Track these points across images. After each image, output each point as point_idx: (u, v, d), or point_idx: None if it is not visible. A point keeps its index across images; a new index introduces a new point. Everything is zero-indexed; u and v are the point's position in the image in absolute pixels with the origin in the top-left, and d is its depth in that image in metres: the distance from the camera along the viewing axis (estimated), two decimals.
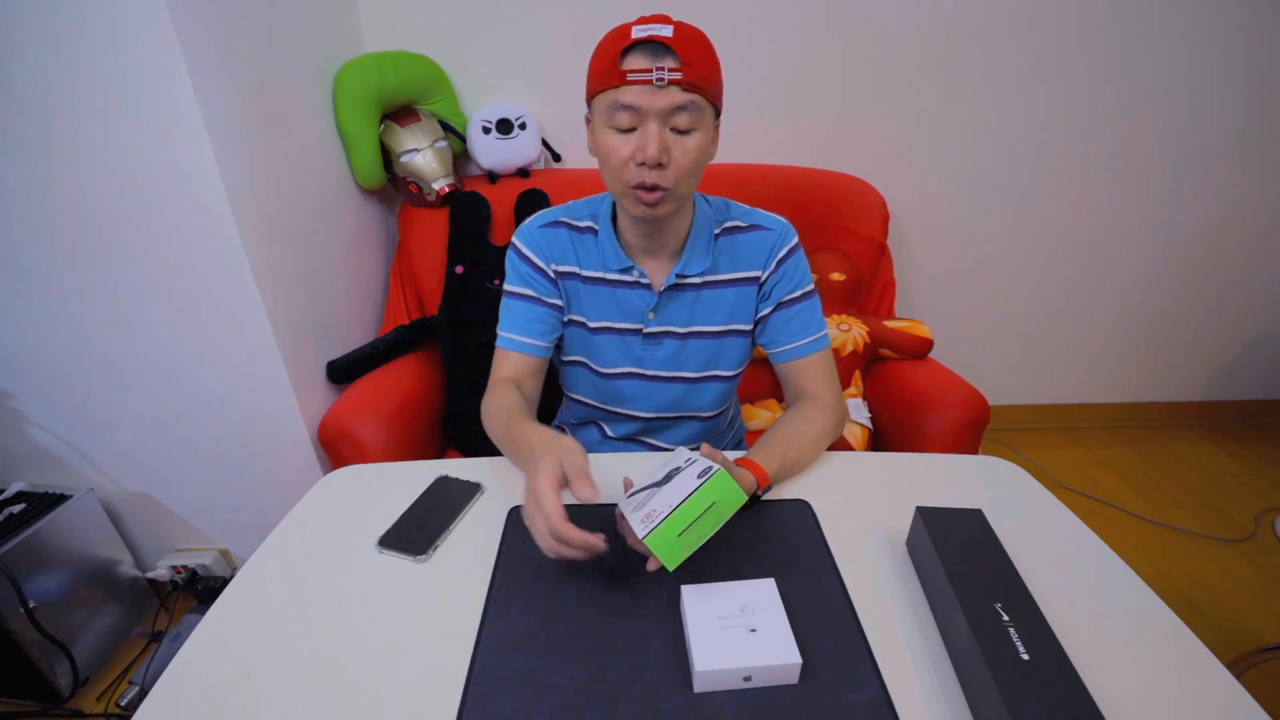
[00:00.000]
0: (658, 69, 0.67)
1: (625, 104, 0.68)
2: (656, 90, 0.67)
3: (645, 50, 0.67)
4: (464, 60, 1.52)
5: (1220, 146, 1.71)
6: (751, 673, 0.51)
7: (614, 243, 0.83)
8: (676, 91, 0.68)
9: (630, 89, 0.68)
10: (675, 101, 0.68)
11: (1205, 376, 2.11)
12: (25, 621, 1.13)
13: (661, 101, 0.68)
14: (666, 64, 0.67)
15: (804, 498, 0.74)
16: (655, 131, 0.68)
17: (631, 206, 0.75)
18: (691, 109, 0.69)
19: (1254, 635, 1.38)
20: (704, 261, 0.83)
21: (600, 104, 0.71)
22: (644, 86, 0.67)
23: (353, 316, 1.43)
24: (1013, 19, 1.54)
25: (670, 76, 0.67)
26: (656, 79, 0.67)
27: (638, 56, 0.67)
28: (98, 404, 1.21)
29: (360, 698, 0.52)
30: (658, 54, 0.67)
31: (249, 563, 0.67)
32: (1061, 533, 0.70)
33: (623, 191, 0.74)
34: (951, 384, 1.24)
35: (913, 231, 1.78)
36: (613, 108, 0.69)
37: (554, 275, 0.85)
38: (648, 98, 0.68)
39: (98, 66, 0.93)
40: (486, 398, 0.84)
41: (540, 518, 0.57)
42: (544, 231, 0.85)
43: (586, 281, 0.85)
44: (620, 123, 0.70)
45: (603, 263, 0.84)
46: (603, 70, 0.70)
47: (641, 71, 0.67)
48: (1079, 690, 0.45)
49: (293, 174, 1.20)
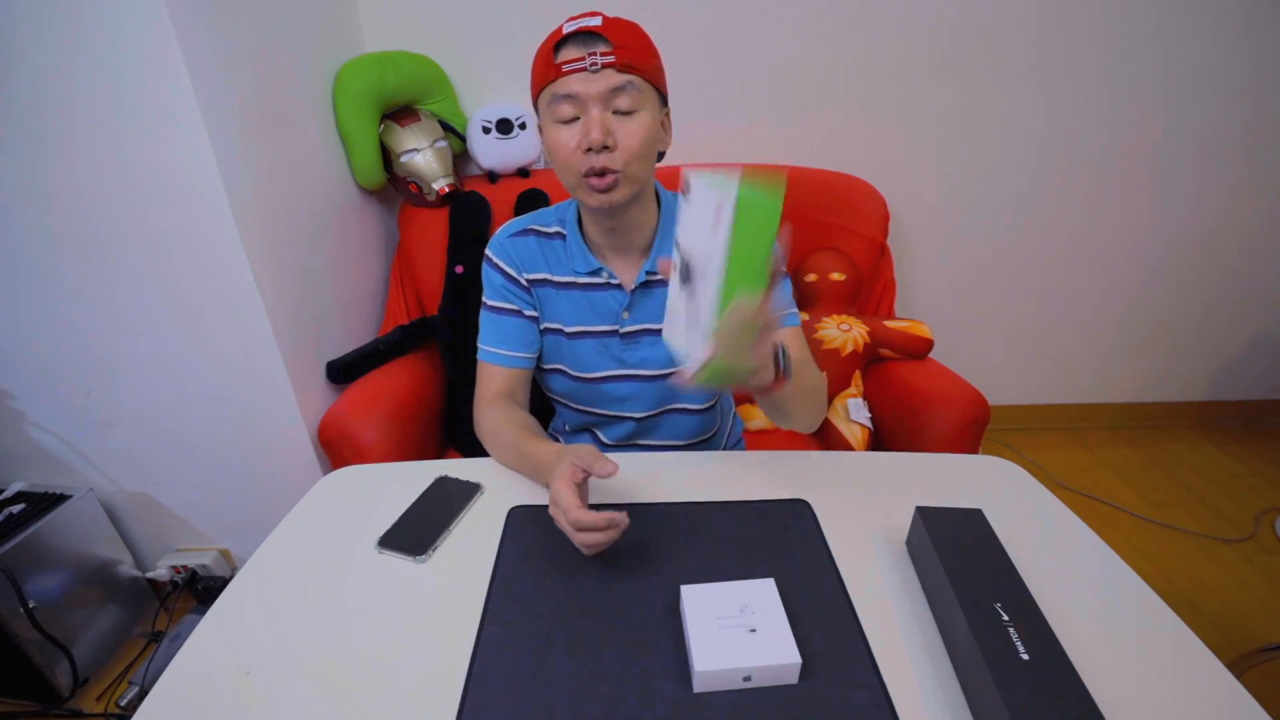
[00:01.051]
0: (590, 55, 0.69)
1: (564, 94, 0.70)
2: (592, 76, 0.69)
3: (577, 41, 0.70)
4: (464, 60, 1.52)
5: (1220, 146, 1.71)
6: (751, 673, 0.51)
7: (581, 245, 0.83)
8: (612, 74, 0.69)
9: (567, 79, 0.70)
10: (612, 84, 0.69)
11: (1205, 376, 2.11)
12: (25, 621, 1.13)
13: (598, 86, 0.69)
14: (599, 49, 0.69)
15: (804, 498, 0.74)
16: (597, 116, 0.70)
17: (586, 197, 0.75)
18: (630, 89, 0.70)
19: (1254, 635, 1.38)
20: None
21: (542, 102, 0.73)
22: (579, 74, 0.69)
23: (353, 316, 1.43)
24: (1013, 19, 1.54)
25: (604, 60, 0.69)
26: (590, 64, 0.68)
27: (570, 48, 0.70)
28: (98, 404, 1.21)
29: (360, 698, 0.52)
30: (589, 42, 0.69)
31: (249, 563, 0.67)
32: (1061, 533, 0.70)
33: (576, 183, 0.74)
34: (951, 384, 1.24)
35: (913, 231, 1.78)
36: (553, 101, 0.71)
37: (526, 284, 0.86)
38: (584, 84, 0.69)
39: (97, 66, 0.93)
40: (481, 417, 0.85)
41: (562, 516, 0.61)
42: (513, 241, 0.86)
43: (559, 287, 0.86)
44: (563, 114, 0.71)
45: (571, 266, 0.85)
46: (540, 69, 0.72)
47: (575, 60, 0.69)
48: (1079, 690, 0.45)
49: (293, 174, 1.20)
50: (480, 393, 0.87)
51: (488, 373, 0.87)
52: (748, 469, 0.80)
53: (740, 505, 0.72)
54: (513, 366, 0.86)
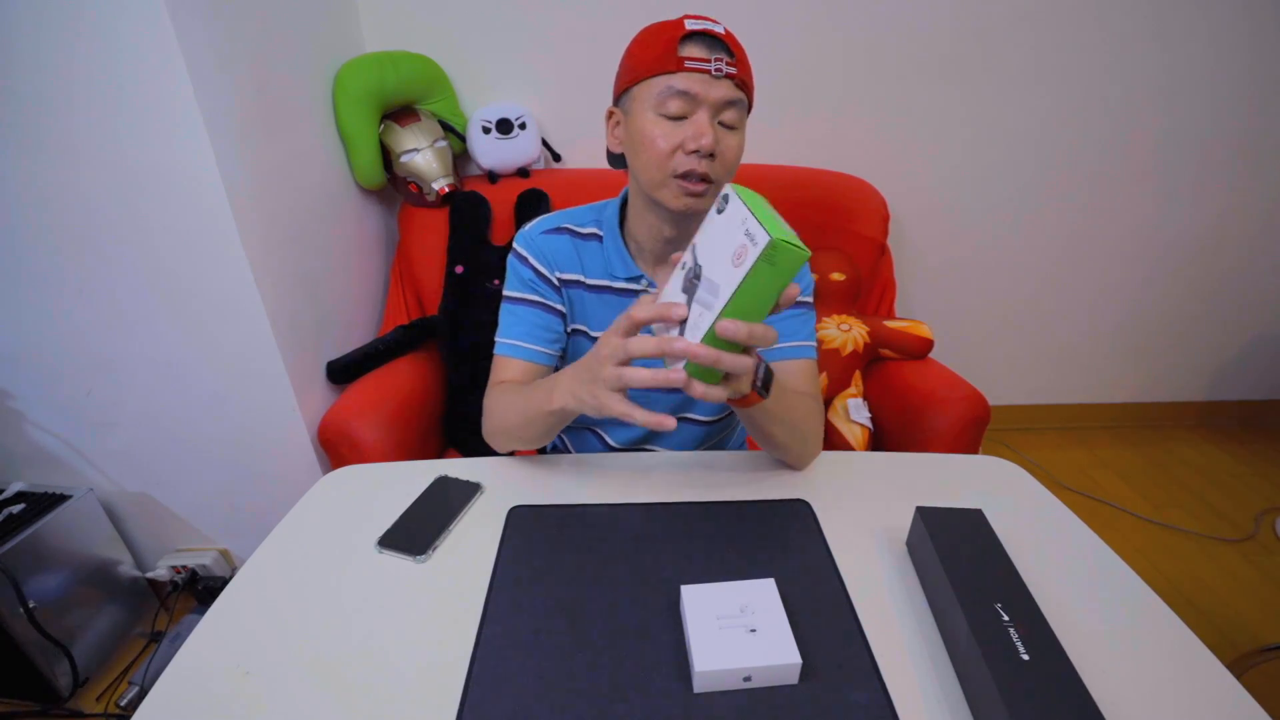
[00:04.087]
0: (715, 60, 0.67)
1: (681, 90, 0.68)
2: (713, 80, 0.68)
3: (703, 42, 0.68)
4: (464, 60, 1.52)
5: (1220, 146, 1.71)
6: (751, 673, 0.51)
7: (621, 249, 0.81)
8: (730, 86, 0.68)
9: (687, 75, 0.68)
10: (728, 96, 0.69)
11: (1205, 376, 2.11)
12: (25, 621, 1.13)
13: (717, 93, 0.68)
14: (723, 57, 0.68)
15: (804, 498, 0.74)
16: (708, 121, 0.69)
17: (672, 198, 0.72)
18: (740, 106, 0.70)
19: (1254, 635, 1.38)
20: None
21: (647, 90, 0.70)
22: (702, 75, 0.68)
23: (353, 316, 1.43)
24: (1013, 19, 1.54)
25: (727, 70, 0.68)
26: (715, 69, 0.67)
27: (695, 46, 0.68)
28: (98, 404, 1.21)
29: (360, 698, 0.52)
30: (714, 47, 0.68)
31: (249, 563, 0.67)
32: (1061, 533, 0.70)
33: (663, 181, 0.72)
34: (951, 384, 1.24)
35: (913, 231, 1.78)
36: (665, 93, 0.69)
37: (558, 283, 0.83)
38: (704, 86, 0.68)
39: (98, 66, 0.93)
40: (488, 399, 0.82)
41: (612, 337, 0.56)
42: (546, 238, 0.83)
43: (591, 290, 0.84)
44: (671, 109, 0.69)
45: (609, 270, 0.82)
46: (655, 57, 0.69)
47: (700, 60, 0.67)
48: (1079, 690, 0.45)
49: (293, 174, 1.20)
50: (490, 382, 0.84)
51: (502, 365, 0.83)
52: (748, 469, 0.80)
53: (740, 505, 0.72)
54: (530, 360, 0.82)
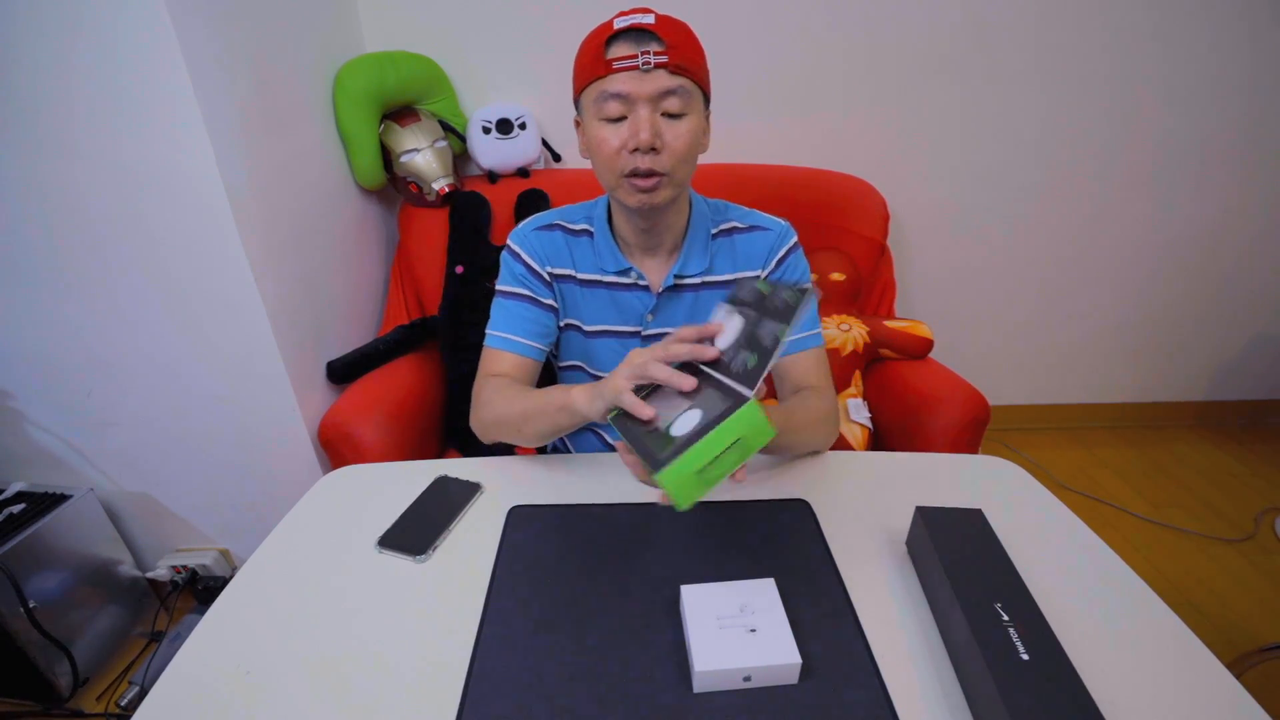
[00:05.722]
0: (643, 53, 0.67)
1: (613, 92, 0.68)
2: (643, 75, 0.68)
3: (629, 38, 0.68)
4: (464, 60, 1.52)
5: (1220, 146, 1.71)
6: (751, 673, 0.51)
7: (611, 244, 0.82)
8: (664, 75, 0.68)
9: (617, 77, 0.68)
10: (663, 85, 0.68)
11: (1205, 376, 2.11)
12: (25, 621, 1.13)
13: (650, 86, 0.68)
14: (651, 48, 0.67)
15: (804, 498, 0.74)
16: (646, 116, 0.68)
17: (627, 197, 0.74)
18: (681, 93, 0.69)
19: (1254, 635, 1.38)
20: (702, 260, 0.83)
21: (588, 97, 0.71)
22: (631, 73, 0.68)
23: (353, 316, 1.43)
24: (1013, 19, 1.53)
25: (656, 60, 0.67)
26: (643, 63, 0.67)
27: (622, 44, 0.68)
28: (98, 404, 1.21)
29: (360, 698, 0.52)
30: (642, 40, 0.68)
31: (249, 563, 0.67)
32: (1061, 533, 0.70)
33: (616, 183, 0.73)
34: (951, 384, 1.24)
35: (913, 231, 1.78)
36: (601, 98, 0.69)
37: (549, 278, 0.84)
38: (635, 83, 0.68)
39: (97, 66, 0.93)
40: (481, 391, 0.81)
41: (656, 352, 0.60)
42: (538, 234, 0.85)
43: (583, 284, 0.85)
44: (610, 112, 0.70)
45: (599, 265, 0.83)
46: (587, 63, 0.70)
47: (627, 58, 0.67)
48: (1079, 690, 0.45)
49: (293, 174, 1.20)
50: (481, 373, 0.83)
51: (492, 357, 0.83)
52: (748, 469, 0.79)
53: (740, 505, 0.72)
54: (520, 354, 0.83)
